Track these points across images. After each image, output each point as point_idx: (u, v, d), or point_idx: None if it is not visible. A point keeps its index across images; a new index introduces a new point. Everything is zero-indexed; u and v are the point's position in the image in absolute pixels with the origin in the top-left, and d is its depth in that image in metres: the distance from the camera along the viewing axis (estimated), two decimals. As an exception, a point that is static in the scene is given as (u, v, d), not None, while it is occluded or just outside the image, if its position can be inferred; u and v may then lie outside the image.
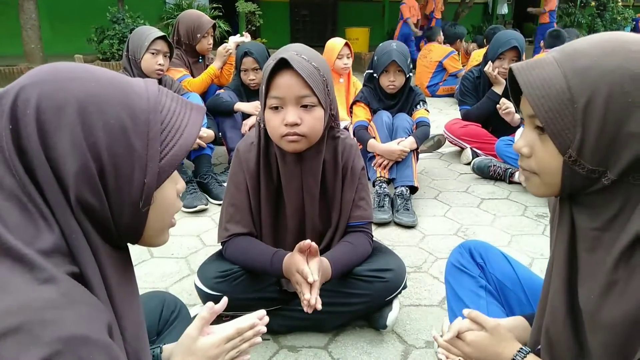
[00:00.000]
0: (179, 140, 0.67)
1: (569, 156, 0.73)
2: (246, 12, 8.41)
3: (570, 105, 0.71)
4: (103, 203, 0.62)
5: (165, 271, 1.97)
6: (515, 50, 3.02)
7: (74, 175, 0.59)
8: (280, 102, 1.28)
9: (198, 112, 0.71)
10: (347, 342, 1.54)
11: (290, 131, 1.28)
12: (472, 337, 0.95)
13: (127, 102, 0.63)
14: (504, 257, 1.30)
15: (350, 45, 3.31)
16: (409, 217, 2.42)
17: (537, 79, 0.74)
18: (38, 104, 0.58)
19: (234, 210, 1.45)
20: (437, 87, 6.06)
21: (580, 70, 0.71)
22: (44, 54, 6.68)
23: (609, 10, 11.36)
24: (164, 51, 2.57)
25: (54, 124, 0.58)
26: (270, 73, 1.27)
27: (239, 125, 2.92)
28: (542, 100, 0.73)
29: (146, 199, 0.65)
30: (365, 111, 2.77)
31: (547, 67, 0.74)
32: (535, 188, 0.82)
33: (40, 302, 0.53)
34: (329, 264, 1.37)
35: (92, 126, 0.59)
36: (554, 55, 0.76)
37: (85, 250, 0.61)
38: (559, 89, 0.72)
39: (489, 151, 3.22)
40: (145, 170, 0.63)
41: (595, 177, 0.73)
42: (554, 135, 0.73)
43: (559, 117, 0.72)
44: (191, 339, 0.87)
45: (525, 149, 0.80)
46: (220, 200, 2.57)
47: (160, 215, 0.70)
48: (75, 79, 0.61)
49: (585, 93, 0.70)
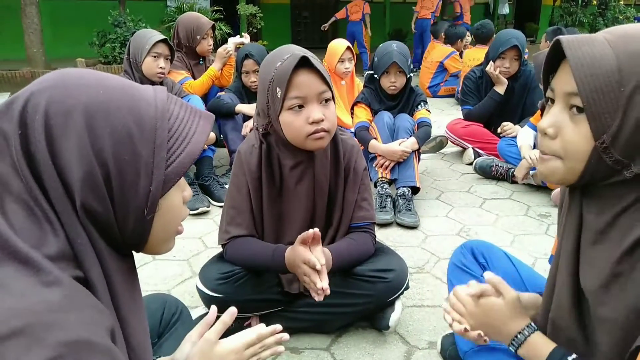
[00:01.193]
0: (186, 148, 0.67)
1: (601, 142, 0.70)
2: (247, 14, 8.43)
3: (617, 88, 0.68)
4: (108, 209, 0.62)
5: (167, 273, 1.97)
6: (516, 49, 3.01)
7: (79, 181, 0.59)
8: (302, 101, 1.29)
9: (206, 120, 0.71)
10: (350, 343, 1.54)
11: (318, 128, 1.29)
12: (485, 301, 0.92)
13: (134, 109, 0.63)
14: (507, 256, 1.29)
15: (352, 49, 3.30)
16: (411, 217, 2.41)
17: (587, 55, 0.70)
18: (47, 110, 0.58)
19: (235, 213, 1.45)
20: (438, 87, 6.06)
21: (633, 53, 0.68)
22: (46, 58, 6.70)
23: (610, 9, 11.35)
24: (165, 54, 2.58)
25: (61, 130, 0.58)
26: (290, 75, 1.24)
27: (240, 127, 2.92)
28: (589, 79, 0.69)
29: (151, 207, 0.65)
30: (366, 112, 2.76)
31: (599, 45, 0.70)
32: (552, 173, 0.78)
33: (44, 304, 0.53)
34: (330, 254, 1.37)
35: (99, 133, 0.60)
36: (604, 35, 0.72)
37: (90, 255, 0.61)
38: (608, 70, 0.68)
39: (491, 151, 3.21)
40: (151, 177, 0.63)
41: (618, 169, 0.71)
42: (592, 117, 0.70)
43: (603, 98, 0.69)
44: (210, 344, 0.84)
45: (551, 129, 0.77)
46: (222, 203, 2.58)
47: (166, 223, 0.69)
48: (83, 85, 0.61)
49: (636, 78, 0.67)
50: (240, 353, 0.86)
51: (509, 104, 3.18)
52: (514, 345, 0.89)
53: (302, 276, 1.31)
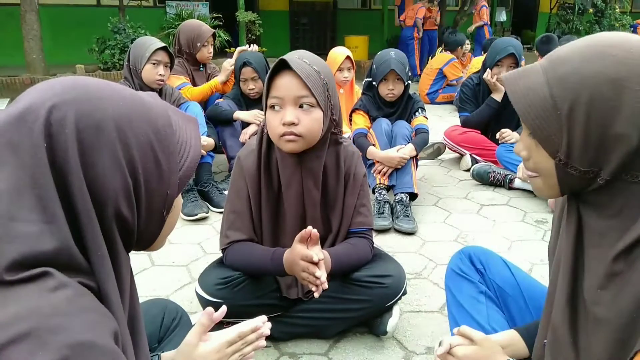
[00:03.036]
0: (190, 152, 0.72)
1: (559, 159, 0.76)
2: (246, 21, 8.47)
3: (554, 112, 0.73)
4: (134, 215, 0.65)
5: (166, 279, 1.98)
6: (512, 57, 3.04)
7: (114, 191, 0.61)
8: (280, 102, 1.32)
9: (194, 125, 0.76)
10: (348, 348, 1.54)
11: (288, 130, 1.31)
12: (463, 351, 0.96)
13: (149, 118, 0.66)
14: (504, 262, 1.30)
15: (352, 58, 3.32)
16: (408, 223, 2.43)
17: (523, 87, 0.77)
18: (77, 123, 0.60)
19: (235, 218, 1.46)
20: (436, 94, 6.08)
21: (561, 77, 0.73)
22: (45, 64, 6.72)
23: (606, 17, 11.42)
24: (164, 62, 2.59)
25: (94, 143, 0.60)
26: (270, 75, 1.32)
27: (239, 134, 2.94)
28: (529, 109, 0.75)
29: (168, 208, 0.70)
30: (364, 119, 2.78)
31: (533, 75, 0.77)
32: (538, 189, 0.85)
33: (49, 308, 0.54)
34: (329, 255, 1.39)
35: (128, 144, 0.63)
36: (542, 62, 0.78)
37: (107, 267, 0.62)
38: (542, 97, 0.74)
39: (489, 157, 3.23)
40: (169, 182, 0.68)
41: (591, 177, 0.75)
42: (542, 141, 0.76)
43: (545, 123, 0.74)
44: (191, 346, 0.87)
45: (523, 153, 0.83)
46: (220, 209, 2.59)
47: (172, 221, 0.75)
48: (105, 98, 0.63)
49: (568, 99, 0.72)
50: (222, 351, 0.88)
51: (506, 111, 3.20)
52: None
53: (301, 272, 1.32)
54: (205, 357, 0.86)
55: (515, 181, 2.97)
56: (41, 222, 0.57)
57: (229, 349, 0.89)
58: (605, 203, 0.78)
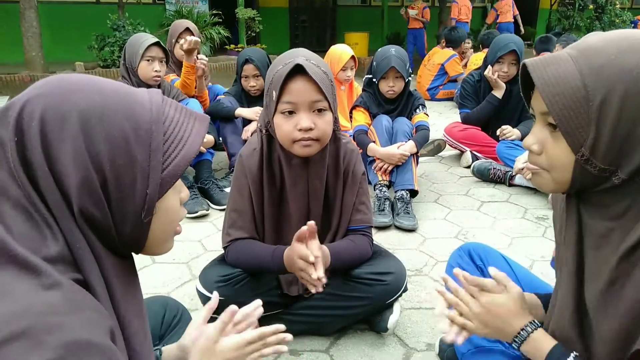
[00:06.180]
0: (182, 150, 0.67)
1: (581, 155, 0.72)
2: (246, 18, 8.46)
3: (585, 103, 0.70)
4: (105, 214, 0.62)
5: (167, 277, 1.98)
6: (513, 53, 3.04)
7: (76, 186, 0.59)
8: (294, 107, 1.30)
9: (202, 122, 0.72)
10: (349, 345, 1.55)
11: (305, 136, 1.30)
12: (489, 299, 0.91)
13: (130, 113, 0.63)
14: (504, 259, 1.30)
15: (355, 57, 3.31)
16: (409, 220, 2.43)
17: (552, 75, 0.72)
18: (42, 116, 0.59)
19: (237, 216, 1.46)
20: (437, 90, 6.08)
21: (596, 68, 0.70)
22: (44, 62, 6.71)
23: (607, 13, 11.40)
24: (159, 57, 2.57)
25: (57, 136, 0.59)
26: (285, 79, 1.27)
27: (240, 131, 2.93)
28: (557, 98, 0.71)
29: (148, 210, 0.65)
30: (364, 115, 2.78)
31: (563, 63, 0.73)
32: (543, 184, 0.81)
33: (44, 307, 0.54)
34: (328, 251, 1.38)
35: (94, 138, 0.60)
36: (569, 51, 0.74)
37: (89, 259, 0.62)
38: (574, 87, 0.71)
39: (489, 154, 3.23)
40: (148, 181, 0.64)
41: (606, 176, 0.73)
42: (567, 134, 0.72)
43: (573, 115, 0.71)
44: (211, 341, 0.86)
45: (535, 146, 0.79)
46: (221, 206, 2.59)
47: (164, 225, 0.70)
48: (79, 90, 0.62)
49: (601, 91, 0.69)
50: (242, 349, 0.88)
51: (506, 107, 3.20)
52: (517, 342, 0.89)
53: (299, 272, 1.32)
54: (224, 353, 0.86)
55: (516, 178, 2.97)
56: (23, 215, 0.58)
57: (248, 348, 0.89)
58: (608, 204, 0.76)
